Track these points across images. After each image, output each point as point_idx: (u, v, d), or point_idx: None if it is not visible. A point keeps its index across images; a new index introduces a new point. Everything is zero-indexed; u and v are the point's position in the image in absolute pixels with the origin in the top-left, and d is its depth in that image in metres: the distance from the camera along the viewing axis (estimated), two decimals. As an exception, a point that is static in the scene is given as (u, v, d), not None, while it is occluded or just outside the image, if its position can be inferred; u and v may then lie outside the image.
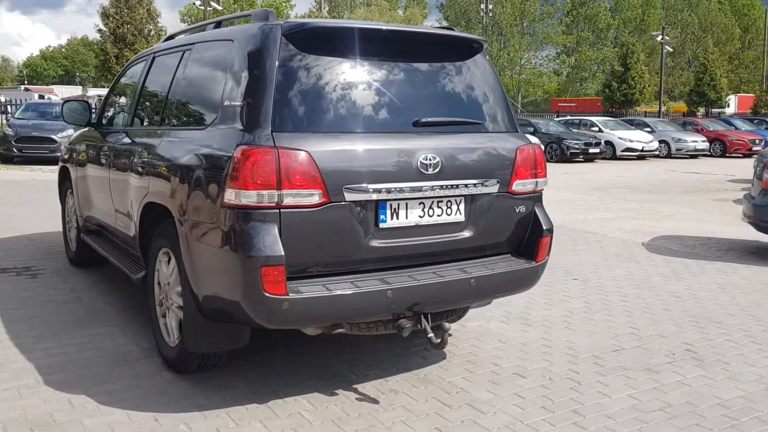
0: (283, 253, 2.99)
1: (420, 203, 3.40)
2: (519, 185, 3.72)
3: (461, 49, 3.76)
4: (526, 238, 3.83)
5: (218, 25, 4.17)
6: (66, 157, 6.06)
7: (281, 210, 3.02)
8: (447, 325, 3.42)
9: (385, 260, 3.37)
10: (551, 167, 21.06)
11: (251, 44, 3.30)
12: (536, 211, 3.84)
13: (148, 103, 4.59)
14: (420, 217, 3.41)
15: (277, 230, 3.01)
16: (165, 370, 3.79)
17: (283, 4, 61.92)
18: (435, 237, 3.49)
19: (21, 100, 23.83)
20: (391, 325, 3.42)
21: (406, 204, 3.35)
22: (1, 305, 4.95)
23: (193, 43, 4.09)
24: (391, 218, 3.32)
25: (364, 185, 3.17)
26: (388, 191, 3.24)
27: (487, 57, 3.88)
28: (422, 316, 3.42)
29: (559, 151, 23.88)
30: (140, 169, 4.00)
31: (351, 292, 3.15)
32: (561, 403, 3.53)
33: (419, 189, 3.33)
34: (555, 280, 6.14)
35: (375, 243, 3.28)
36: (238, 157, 3.00)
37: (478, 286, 3.51)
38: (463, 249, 3.62)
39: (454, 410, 3.42)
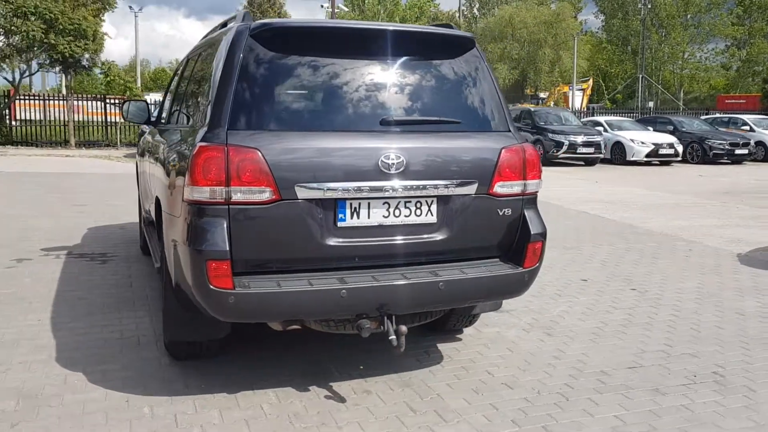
0: (227, 249, 3.06)
1: (384, 203, 3.34)
2: (502, 187, 3.55)
3: (444, 47, 3.64)
4: (515, 243, 3.65)
5: (224, 25, 4.33)
6: (137, 152, 6.56)
7: (230, 206, 3.09)
8: (403, 328, 3.34)
9: (347, 259, 3.35)
10: (688, 169, 19.87)
11: (224, 45, 3.41)
12: (525, 214, 3.64)
13: (177, 102, 4.87)
14: (384, 217, 3.35)
15: (225, 226, 3.09)
16: (165, 355, 4.01)
17: (427, 3, 62.40)
18: (404, 238, 3.41)
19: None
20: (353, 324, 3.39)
21: (368, 203, 3.31)
22: (63, 287, 5.45)
23: (210, 45, 4.29)
24: (351, 217, 3.29)
25: (318, 184, 3.17)
26: (345, 190, 3.21)
27: (481, 54, 3.72)
28: (386, 318, 3.36)
29: (700, 152, 22.24)
30: (159, 165, 4.26)
31: (302, 289, 3.16)
32: (534, 418, 3.33)
33: (380, 189, 3.27)
34: (609, 289, 5.76)
35: (333, 242, 3.26)
36: (193, 155, 3.12)
37: (449, 291, 3.39)
38: (439, 251, 3.51)
39: (417, 416, 3.34)
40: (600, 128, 22.33)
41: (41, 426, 3.13)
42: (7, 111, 22.01)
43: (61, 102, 23.27)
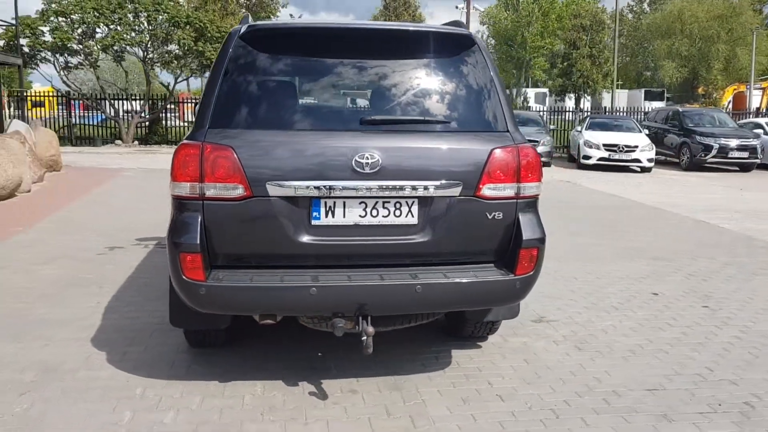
0: (198, 242, 3.19)
1: (361, 202, 3.31)
2: (491, 189, 3.39)
3: (438, 46, 3.53)
4: (509, 249, 3.47)
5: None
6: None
7: (204, 202, 3.22)
8: (370, 329, 3.28)
9: (324, 258, 3.36)
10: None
11: (220, 49, 3.56)
12: (520, 218, 3.44)
13: None
14: (361, 216, 3.32)
15: (199, 220, 3.22)
16: (185, 342, 4.24)
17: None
18: (382, 239, 3.36)
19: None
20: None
21: (344, 203, 3.30)
22: (137, 273, 5.91)
23: None
24: (326, 216, 3.30)
25: (289, 182, 3.22)
26: (317, 188, 3.23)
27: (482, 52, 3.57)
28: (360, 319, 3.33)
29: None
30: None
31: (272, 285, 3.22)
32: (510, 434, 3.16)
33: (354, 188, 3.25)
34: (677, 305, 5.29)
35: (307, 239, 3.29)
36: (174, 152, 3.29)
37: (427, 294, 3.30)
38: (422, 254, 3.42)
39: (390, 420, 3.28)
40: (760, 131, 20.31)
41: (43, 397, 3.43)
42: (162, 114, 24.12)
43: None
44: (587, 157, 18.53)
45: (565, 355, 4.17)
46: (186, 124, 24.76)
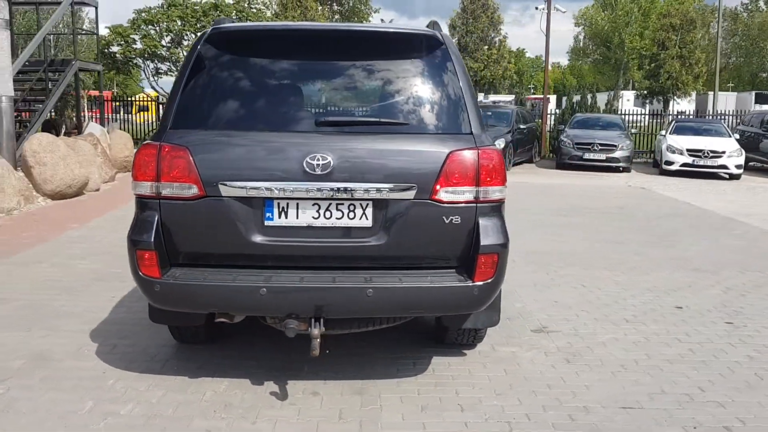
0: (152, 240, 3.28)
1: (314, 204, 3.30)
2: (448, 193, 3.30)
3: (402, 47, 3.49)
4: (469, 254, 3.37)
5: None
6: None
7: (161, 200, 3.31)
8: (315, 331, 3.26)
9: (279, 259, 3.38)
10: None
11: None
12: (480, 223, 3.33)
13: None
14: (314, 218, 3.31)
15: (156, 219, 3.31)
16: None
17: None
18: (337, 241, 3.34)
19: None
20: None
21: (297, 204, 3.30)
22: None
23: None
24: (279, 216, 3.31)
25: (241, 182, 3.25)
26: (269, 189, 3.25)
27: (450, 53, 3.49)
28: (312, 320, 3.32)
29: None
30: None
31: (223, 284, 3.26)
32: (454, 445, 3.07)
33: (305, 189, 3.25)
34: (697, 320, 4.98)
35: (261, 240, 3.31)
36: (136, 153, 3.40)
37: (378, 298, 3.25)
38: (378, 257, 3.37)
39: (339, 424, 3.25)
40: None
41: (23, 384, 3.62)
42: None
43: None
44: (669, 163, 17.62)
45: (550, 368, 4.00)
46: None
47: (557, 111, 24.80)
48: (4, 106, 10.23)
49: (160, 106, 24.37)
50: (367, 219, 3.32)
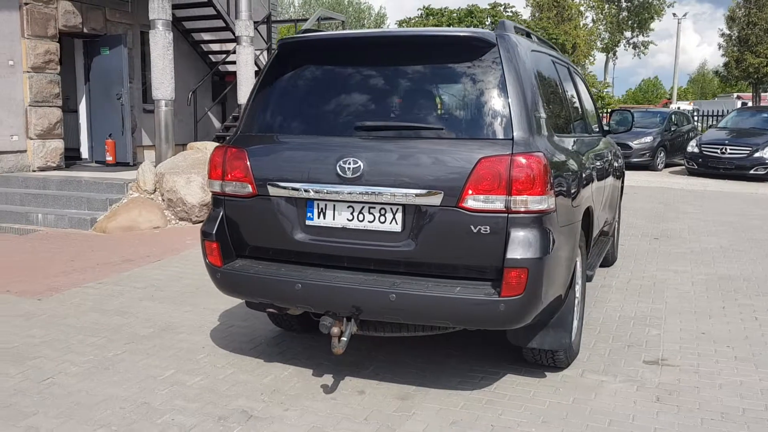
0: (214, 232, 3.63)
1: (349, 206, 3.37)
2: (476, 201, 3.12)
3: (446, 50, 3.40)
4: (503, 267, 3.16)
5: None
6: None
7: (225, 198, 3.65)
8: (335, 330, 3.30)
9: (318, 257, 3.50)
10: None
11: None
12: (511, 234, 3.10)
13: None
14: (348, 220, 3.38)
15: (221, 213, 3.66)
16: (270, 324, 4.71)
17: None
18: (368, 243, 3.36)
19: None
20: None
21: (334, 205, 3.40)
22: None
23: None
24: (318, 217, 3.44)
25: (285, 183, 3.45)
26: (306, 191, 3.40)
27: (501, 55, 3.29)
28: (345, 320, 3.40)
29: None
30: None
31: (267, 276, 3.50)
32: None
33: (337, 192, 3.34)
34: (707, 350, 4.14)
35: (302, 237, 3.48)
36: (211, 155, 3.79)
37: (401, 304, 3.21)
38: (409, 262, 3.32)
39: (358, 424, 3.29)
40: None
41: (135, 348, 4.25)
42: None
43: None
44: None
45: (630, 403, 3.54)
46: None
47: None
48: (163, 110, 9.75)
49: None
50: (396, 224, 3.30)
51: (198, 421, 3.29)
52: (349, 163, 3.31)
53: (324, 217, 3.45)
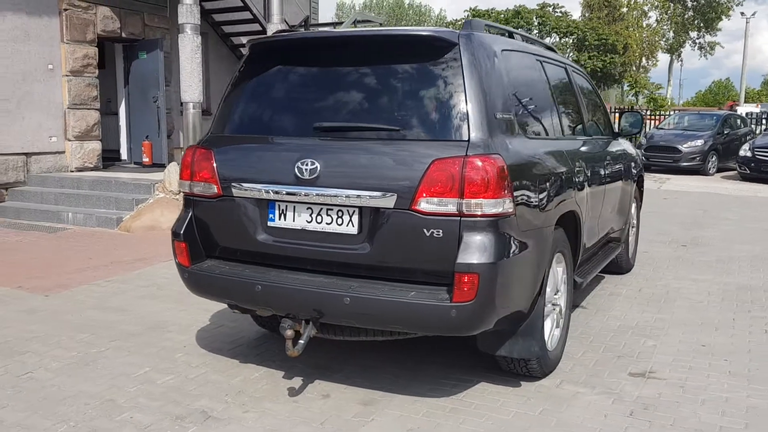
0: (182, 233, 3.66)
1: (308, 208, 3.34)
2: (429, 204, 3.04)
3: (407, 50, 3.33)
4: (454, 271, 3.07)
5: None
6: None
7: (194, 198, 3.68)
8: (289, 332, 3.27)
9: (280, 258, 3.48)
10: None
11: None
12: (464, 238, 3.01)
13: None
14: (308, 222, 3.35)
15: (191, 214, 3.69)
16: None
17: None
18: (327, 246, 3.33)
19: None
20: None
21: (294, 207, 3.38)
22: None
23: None
24: (279, 218, 3.42)
25: (247, 184, 3.45)
26: (267, 192, 3.39)
27: (461, 55, 3.20)
28: (304, 322, 3.37)
29: None
30: None
31: (228, 277, 3.51)
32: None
33: (295, 193, 3.31)
34: (700, 365, 3.76)
35: (264, 239, 3.46)
36: (183, 155, 3.82)
37: (355, 307, 3.16)
38: (366, 266, 3.26)
39: (313, 428, 3.27)
40: None
41: (119, 346, 4.32)
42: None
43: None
44: None
45: (600, 416, 3.40)
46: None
47: None
48: (191, 113, 9.74)
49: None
50: (353, 226, 3.26)
51: (155, 420, 3.32)
52: (307, 165, 3.29)
53: (285, 219, 3.43)
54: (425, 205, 3.07)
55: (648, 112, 23.07)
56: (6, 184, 9.83)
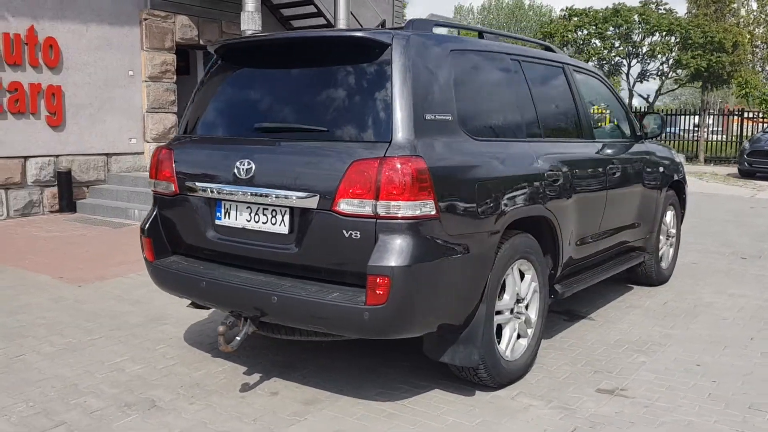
0: (146, 228, 3.84)
1: (248, 207, 3.42)
2: (347, 205, 3.03)
3: (340, 51, 3.35)
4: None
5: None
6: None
7: (158, 196, 3.85)
8: (220, 328, 3.35)
9: (226, 255, 3.59)
10: None
11: None
12: (378, 240, 2.97)
13: None
14: (248, 221, 3.43)
15: (156, 211, 3.87)
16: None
17: None
18: (264, 245, 3.39)
19: None
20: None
21: (236, 206, 3.47)
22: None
23: None
24: (225, 217, 3.53)
25: (197, 183, 3.57)
26: (212, 191, 3.50)
27: (392, 58, 3.17)
28: (243, 319, 3.45)
29: None
30: None
31: (179, 272, 3.65)
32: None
33: (233, 192, 3.40)
34: (685, 386, 3.36)
35: (212, 236, 3.58)
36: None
37: (282, 306, 3.21)
38: (296, 266, 3.30)
39: (246, 423, 3.34)
40: None
41: (113, 335, 4.59)
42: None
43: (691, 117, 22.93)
44: None
45: (536, 431, 3.25)
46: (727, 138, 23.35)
47: None
48: None
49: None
50: (285, 226, 3.31)
51: (105, 405, 3.51)
52: (244, 164, 3.37)
53: (229, 217, 3.53)
54: (345, 206, 3.07)
55: (761, 115, 21.44)
56: (87, 182, 10.61)
